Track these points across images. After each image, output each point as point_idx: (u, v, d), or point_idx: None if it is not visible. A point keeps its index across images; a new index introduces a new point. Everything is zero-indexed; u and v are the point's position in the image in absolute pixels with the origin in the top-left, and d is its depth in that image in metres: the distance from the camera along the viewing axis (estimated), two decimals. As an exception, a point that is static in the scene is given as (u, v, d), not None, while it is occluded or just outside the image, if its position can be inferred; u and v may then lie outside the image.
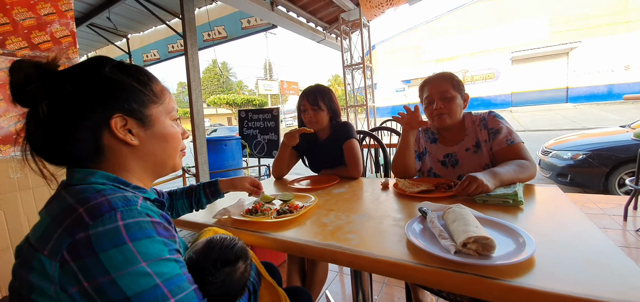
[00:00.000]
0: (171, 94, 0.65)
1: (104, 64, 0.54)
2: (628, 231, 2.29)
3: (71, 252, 0.41)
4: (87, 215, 0.43)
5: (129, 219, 0.44)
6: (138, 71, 0.58)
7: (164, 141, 0.61)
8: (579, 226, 0.69)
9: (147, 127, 0.57)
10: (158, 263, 0.44)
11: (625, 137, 3.48)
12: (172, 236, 0.50)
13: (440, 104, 1.24)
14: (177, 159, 0.66)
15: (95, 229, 0.42)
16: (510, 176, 0.99)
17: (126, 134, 0.55)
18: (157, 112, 0.59)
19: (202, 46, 4.62)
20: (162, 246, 0.46)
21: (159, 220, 0.49)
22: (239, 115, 4.84)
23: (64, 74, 0.51)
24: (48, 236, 0.43)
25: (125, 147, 0.56)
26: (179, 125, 0.67)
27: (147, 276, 0.42)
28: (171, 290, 0.44)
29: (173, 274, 0.45)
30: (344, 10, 4.47)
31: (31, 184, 1.57)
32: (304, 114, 1.52)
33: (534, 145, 5.49)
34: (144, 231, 0.45)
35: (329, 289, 1.81)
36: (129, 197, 0.48)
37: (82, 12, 3.92)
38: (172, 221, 0.54)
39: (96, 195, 0.46)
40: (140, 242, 0.43)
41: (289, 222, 0.86)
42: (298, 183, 1.38)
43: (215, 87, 39.03)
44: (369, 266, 0.65)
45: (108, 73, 0.54)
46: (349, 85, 5.15)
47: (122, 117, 0.53)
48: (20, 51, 1.64)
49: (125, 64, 0.57)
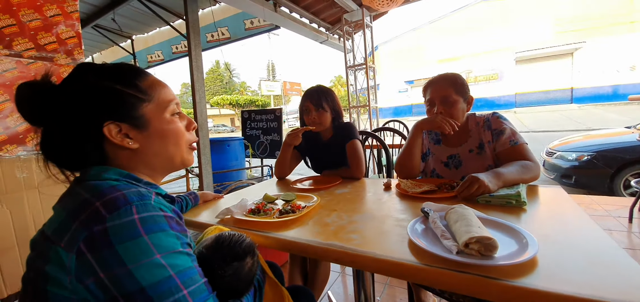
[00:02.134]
0: (166, 86, 0.62)
1: (86, 72, 0.54)
2: (633, 232, 2.26)
3: (88, 244, 0.42)
4: (104, 209, 0.44)
5: (144, 213, 0.46)
6: (121, 71, 0.57)
7: (164, 138, 0.60)
8: (583, 227, 0.69)
9: (143, 129, 0.57)
10: (172, 255, 0.46)
11: (630, 138, 3.45)
12: (184, 231, 0.51)
13: (440, 108, 1.22)
14: (186, 154, 0.65)
15: (113, 222, 0.43)
16: (513, 176, 0.98)
17: (123, 139, 0.55)
18: (150, 110, 0.58)
19: (205, 47, 4.65)
20: (175, 240, 0.47)
21: (171, 215, 0.50)
22: (242, 116, 4.86)
23: (55, 90, 0.53)
24: (64, 229, 0.44)
25: (126, 151, 0.57)
26: (183, 117, 0.65)
27: (162, 268, 0.44)
28: (184, 281, 0.45)
29: (185, 267, 0.47)
30: (346, 11, 4.47)
31: (37, 183, 1.59)
32: (307, 116, 1.52)
33: (538, 146, 5.46)
34: (158, 224, 0.46)
35: (331, 289, 1.82)
36: (143, 192, 0.49)
37: (87, 14, 3.97)
38: (182, 216, 0.55)
39: (111, 189, 0.47)
40: (155, 235, 0.45)
41: (292, 222, 0.87)
42: (300, 183, 1.39)
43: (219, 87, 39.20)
44: (371, 265, 0.65)
45: (91, 81, 0.54)
46: (352, 86, 5.15)
47: (115, 124, 0.54)
48: (27, 52, 1.66)
49: (106, 67, 0.56)
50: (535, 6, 16.70)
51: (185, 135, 0.65)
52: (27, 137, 1.64)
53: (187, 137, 0.65)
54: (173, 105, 0.62)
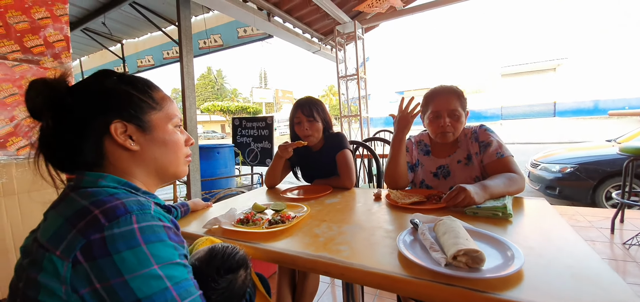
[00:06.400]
0: (174, 102, 0.67)
1: (107, 76, 0.58)
2: (615, 243, 2.33)
3: (85, 252, 0.41)
4: (103, 217, 0.44)
5: (143, 223, 0.45)
6: (138, 81, 0.61)
7: (164, 147, 0.62)
8: (566, 239, 0.71)
9: (147, 133, 0.59)
10: (169, 267, 0.45)
11: (611, 151, 3.57)
12: (182, 242, 0.51)
13: (447, 121, 1.23)
14: (181, 166, 0.67)
15: (111, 231, 0.43)
16: (499, 189, 1.01)
17: (126, 139, 0.56)
18: (157, 118, 0.61)
19: (197, 54, 4.62)
20: (173, 250, 0.47)
21: (169, 225, 0.50)
22: (233, 123, 4.82)
23: (69, 89, 0.54)
24: (61, 237, 0.43)
25: (126, 153, 0.57)
26: (183, 132, 0.68)
27: (159, 279, 0.43)
28: (180, 294, 0.45)
29: (182, 278, 0.46)
30: (339, 23, 4.54)
31: (17, 189, 1.53)
32: (299, 126, 1.52)
33: (523, 158, 5.59)
34: (157, 234, 0.46)
35: (320, 301, 1.79)
36: (143, 201, 0.49)
37: (77, 17, 3.90)
38: (180, 227, 0.55)
39: (110, 198, 0.47)
40: (153, 245, 0.45)
41: (281, 233, 0.86)
42: (290, 193, 1.38)
43: (210, 93, 38.92)
44: (361, 278, 0.65)
45: (109, 84, 0.57)
46: (343, 95, 5.20)
47: (122, 123, 0.56)
48: (12, 54, 1.62)
49: (127, 76, 0.60)
50: (521, 21, 17.35)
51: (183, 148, 0.67)
52: (8, 141, 1.58)
53: (184, 150, 0.68)
54: (177, 119, 0.66)
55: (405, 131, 1.27)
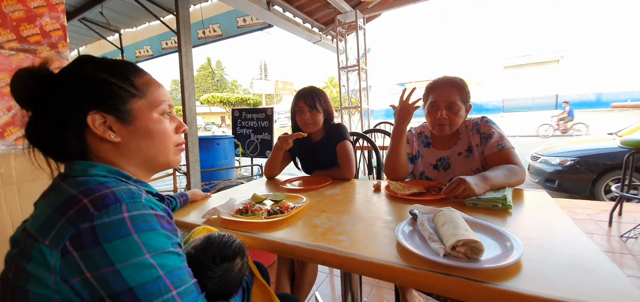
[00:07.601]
0: (161, 86, 0.62)
1: (87, 63, 0.55)
2: (613, 236, 2.34)
3: (74, 242, 0.41)
4: (93, 206, 0.43)
5: (134, 211, 0.45)
6: (117, 65, 0.57)
7: (149, 137, 0.59)
8: (565, 231, 0.70)
9: (128, 124, 0.56)
10: (162, 255, 0.45)
11: (612, 144, 3.56)
12: (175, 230, 0.50)
13: (444, 113, 1.21)
14: (171, 155, 0.64)
15: (101, 220, 0.42)
16: (500, 180, 1.00)
17: (105, 131, 0.54)
18: (139, 107, 0.57)
19: (196, 44, 4.57)
20: (165, 239, 0.46)
21: (162, 214, 0.49)
22: (233, 115, 4.80)
23: (51, 77, 0.53)
24: (49, 226, 0.43)
25: (107, 145, 0.55)
26: (174, 119, 0.64)
27: (151, 268, 0.43)
28: (173, 282, 0.44)
29: (175, 267, 0.46)
30: (340, 12, 4.48)
31: (16, 179, 1.53)
32: (300, 116, 1.50)
33: (523, 150, 5.59)
34: (149, 223, 0.45)
35: (319, 290, 1.81)
36: (134, 190, 0.48)
37: (74, 6, 3.85)
38: (172, 215, 0.54)
39: (100, 187, 0.46)
40: (145, 234, 0.44)
41: (280, 223, 0.86)
42: (290, 183, 1.38)
43: (209, 85, 38.72)
44: (359, 268, 0.65)
45: (87, 72, 0.54)
46: (344, 87, 5.16)
47: (100, 114, 0.53)
48: (8, 43, 1.60)
49: (106, 61, 0.56)
50: (524, 13, 17.14)
51: (173, 137, 0.64)
52: (6, 131, 1.58)
53: (175, 139, 0.64)
54: (164, 106, 0.61)
55: (406, 122, 1.26)
